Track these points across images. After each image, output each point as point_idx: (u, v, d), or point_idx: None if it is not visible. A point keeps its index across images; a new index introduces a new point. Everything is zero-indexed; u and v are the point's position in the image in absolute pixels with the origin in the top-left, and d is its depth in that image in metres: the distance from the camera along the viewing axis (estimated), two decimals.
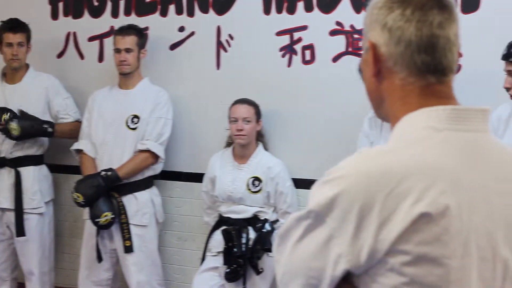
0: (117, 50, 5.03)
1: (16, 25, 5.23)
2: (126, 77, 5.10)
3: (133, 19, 5.35)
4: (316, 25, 4.92)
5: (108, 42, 5.42)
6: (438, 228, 1.39)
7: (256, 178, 4.78)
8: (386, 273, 1.41)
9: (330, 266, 1.44)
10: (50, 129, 5.22)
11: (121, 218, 4.93)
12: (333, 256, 1.43)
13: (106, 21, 5.53)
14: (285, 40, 5.02)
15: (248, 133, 4.78)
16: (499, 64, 3.94)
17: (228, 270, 4.63)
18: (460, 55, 1.62)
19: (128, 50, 5.01)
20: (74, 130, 5.29)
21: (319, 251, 1.45)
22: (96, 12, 5.57)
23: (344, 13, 4.84)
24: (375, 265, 1.41)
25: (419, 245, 1.38)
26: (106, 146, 5.06)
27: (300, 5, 4.95)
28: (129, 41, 5.02)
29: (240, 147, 4.85)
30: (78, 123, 5.31)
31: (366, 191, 1.40)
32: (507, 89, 3.88)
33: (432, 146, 1.47)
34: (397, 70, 1.54)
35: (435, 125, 1.49)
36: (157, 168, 5.12)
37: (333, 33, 4.89)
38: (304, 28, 4.96)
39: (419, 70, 1.52)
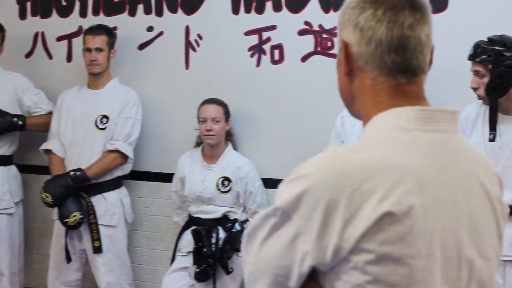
0: (88, 50, 4.97)
1: None
2: (95, 77, 5.04)
3: (102, 19, 5.28)
4: (285, 25, 4.88)
5: (77, 42, 5.35)
6: (403, 228, 1.37)
7: (226, 178, 4.74)
8: (350, 271, 1.40)
9: (297, 264, 1.42)
10: (20, 122, 5.11)
11: (90, 219, 4.85)
12: (299, 253, 1.41)
13: (74, 21, 5.45)
14: (254, 40, 4.97)
15: (217, 133, 4.73)
16: (467, 64, 3.91)
17: (198, 270, 4.59)
18: None
19: (98, 50, 4.96)
20: (48, 123, 5.17)
21: (285, 249, 1.43)
22: (64, 12, 5.48)
23: (313, 13, 4.80)
24: (340, 263, 1.40)
25: (383, 244, 1.37)
26: (75, 146, 4.98)
27: (269, 5, 4.91)
28: (100, 40, 4.97)
29: (210, 147, 4.79)
30: (51, 114, 5.20)
31: (332, 188, 1.38)
32: (474, 89, 3.86)
33: (399, 146, 1.46)
34: (368, 69, 1.53)
35: (404, 125, 1.48)
36: (126, 168, 5.06)
37: (302, 33, 4.84)
38: (272, 28, 4.91)
39: (390, 70, 1.52)
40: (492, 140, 3.81)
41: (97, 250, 4.88)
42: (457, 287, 1.46)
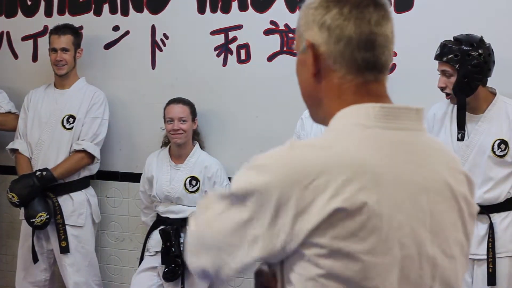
0: (53, 50, 4.83)
1: None
2: (62, 77, 4.89)
3: (67, 18, 5.12)
4: (251, 25, 4.77)
5: (42, 41, 5.20)
6: (354, 224, 1.34)
7: (193, 178, 4.61)
8: (303, 264, 1.38)
9: (245, 245, 1.40)
10: None
11: (56, 219, 4.71)
12: (250, 236, 1.40)
13: (39, 20, 5.27)
14: (220, 39, 4.85)
15: (185, 132, 4.61)
16: (433, 64, 3.84)
17: (166, 269, 4.50)
18: (394, 54, 1.59)
19: (64, 50, 4.81)
20: (6, 121, 5.05)
21: (236, 229, 1.41)
22: (30, 11, 5.31)
23: (279, 12, 4.69)
24: (293, 256, 1.38)
25: (335, 239, 1.34)
26: (42, 146, 4.85)
27: (235, 5, 4.79)
28: (65, 40, 4.82)
29: (177, 147, 4.67)
30: (11, 114, 5.06)
31: (286, 181, 1.36)
32: (442, 88, 3.79)
33: (357, 142, 1.43)
34: (337, 68, 1.49)
35: (363, 122, 1.45)
36: (93, 168, 4.94)
37: (268, 32, 4.73)
38: (239, 27, 4.79)
39: (359, 67, 1.48)
40: (460, 139, 3.74)
41: (64, 250, 4.74)
42: (420, 285, 1.42)
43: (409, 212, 1.41)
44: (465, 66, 3.66)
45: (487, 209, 3.76)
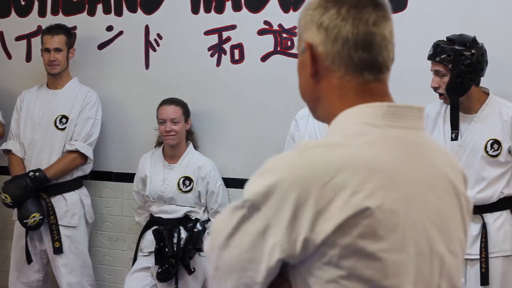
0: (46, 50, 4.81)
1: None
2: (54, 77, 4.89)
3: (61, 19, 5.11)
4: (245, 25, 4.77)
5: (36, 41, 5.18)
6: (375, 223, 1.35)
7: (187, 178, 4.61)
8: (323, 267, 1.36)
9: (265, 258, 1.38)
10: None
11: (50, 219, 4.71)
12: (269, 246, 1.37)
13: (33, 21, 5.27)
14: (214, 39, 4.84)
15: (177, 134, 4.60)
16: (426, 64, 3.84)
17: (160, 270, 4.49)
18: None
19: (57, 50, 4.81)
20: None
21: (254, 243, 1.39)
22: (23, 11, 5.30)
23: (273, 12, 4.69)
24: (311, 258, 1.37)
25: (356, 238, 1.34)
26: (35, 147, 4.84)
27: (228, 5, 4.78)
28: (58, 40, 4.82)
29: (170, 147, 4.67)
30: None
31: (302, 180, 1.35)
32: (435, 88, 3.79)
33: (369, 141, 1.43)
34: (335, 68, 1.49)
35: (372, 121, 1.46)
36: (86, 169, 4.93)
37: (262, 32, 4.73)
38: (232, 27, 4.79)
39: (357, 67, 1.48)
40: (454, 139, 3.74)
41: (58, 250, 4.73)
42: (430, 282, 1.44)
43: (420, 210, 1.42)
44: (458, 66, 3.67)
45: (480, 209, 3.76)
